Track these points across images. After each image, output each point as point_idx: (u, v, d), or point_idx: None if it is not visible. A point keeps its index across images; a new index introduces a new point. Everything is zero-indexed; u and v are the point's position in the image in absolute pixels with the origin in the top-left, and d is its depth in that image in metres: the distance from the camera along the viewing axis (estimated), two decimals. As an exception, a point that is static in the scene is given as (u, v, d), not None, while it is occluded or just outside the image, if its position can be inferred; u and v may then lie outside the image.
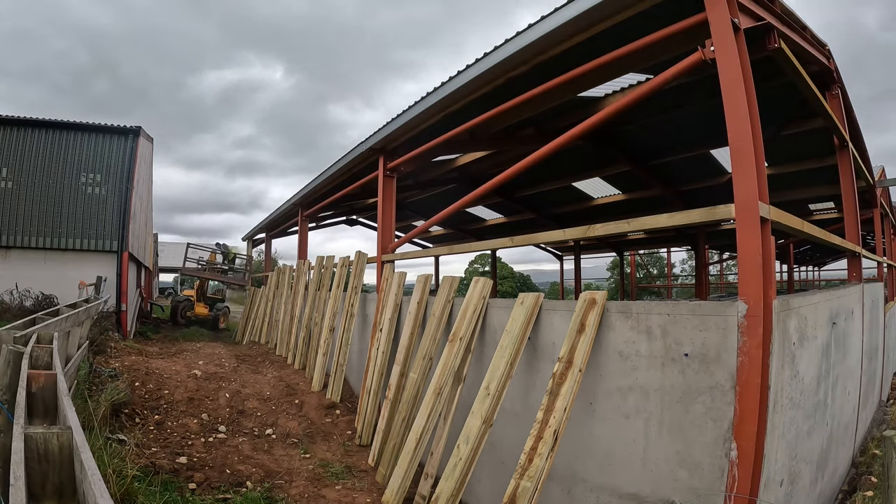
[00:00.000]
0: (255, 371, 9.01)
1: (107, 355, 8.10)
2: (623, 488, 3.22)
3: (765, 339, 2.66)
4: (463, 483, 3.73)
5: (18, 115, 11.96)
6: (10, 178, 11.69)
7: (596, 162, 9.55)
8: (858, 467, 4.99)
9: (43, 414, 2.39)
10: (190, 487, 4.54)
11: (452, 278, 5.18)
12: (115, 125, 12.53)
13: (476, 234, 16.99)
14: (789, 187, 9.57)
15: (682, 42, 3.61)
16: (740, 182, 2.83)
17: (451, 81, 5.14)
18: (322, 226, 15.58)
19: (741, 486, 2.62)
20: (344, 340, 7.41)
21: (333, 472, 5.25)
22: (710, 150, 8.35)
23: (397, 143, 6.84)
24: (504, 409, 3.94)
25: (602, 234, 3.76)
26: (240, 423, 6.32)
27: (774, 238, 2.91)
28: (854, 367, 4.91)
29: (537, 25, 4.00)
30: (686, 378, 2.94)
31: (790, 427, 3.06)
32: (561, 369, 3.30)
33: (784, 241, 14.45)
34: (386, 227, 7.03)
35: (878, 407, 6.96)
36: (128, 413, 5.81)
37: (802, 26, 4.16)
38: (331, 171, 9.02)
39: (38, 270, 11.49)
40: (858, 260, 5.58)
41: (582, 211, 13.06)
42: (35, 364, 2.99)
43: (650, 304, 3.22)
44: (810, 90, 4.15)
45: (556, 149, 4.24)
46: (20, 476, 1.44)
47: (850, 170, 5.52)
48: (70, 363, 5.16)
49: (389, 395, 5.49)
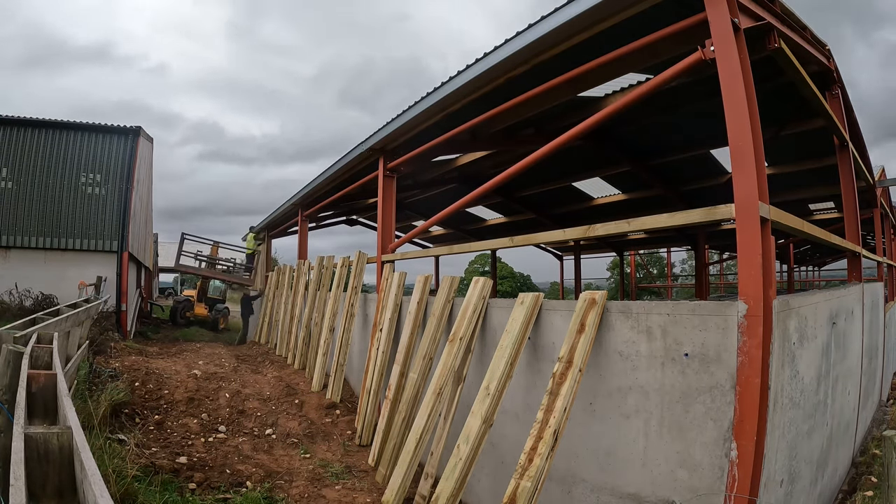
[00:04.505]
0: (255, 371, 9.01)
1: (107, 355, 8.10)
2: (623, 488, 3.22)
3: (765, 339, 2.66)
4: (463, 483, 3.73)
5: (18, 116, 11.96)
6: (10, 178, 11.69)
7: (596, 162, 9.55)
8: (858, 467, 4.99)
9: (43, 414, 2.39)
10: (190, 487, 4.54)
11: (452, 278, 5.17)
12: (115, 125, 12.54)
13: (476, 234, 16.98)
14: (789, 187, 9.56)
15: (681, 42, 3.61)
16: (740, 182, 2.83)
17: (451, 81, 5.13)
18: (322, 226, 15.58)
19: (741, 486, 2.62)
20: (344, 340, 7.41)
21: (333, 472, 5.25)
22: (710, 150, 8.34)
23: (397, 143, 6.84)
24: (504, 409, 3.94)
25: (602, 234, 3.76)
26: (240, 423, 6.31)
27: (774, 238, 2.90)
28: (854, 367, 4.91)
29: (537, 25, 4.00)
30: (686, 378, 2.94)
31: (790, 427, 3.06)
32: (561, 369, 3.29)
33: (784, 241, 14.45)
34: (386, 227, 7.03)
35: (878, 407, 6.96)
36: (128, 413, 5.81)
37: (802, 26, 4.16)
38: (331, 171, 9.02)
39: (38, 270, 11.50)
40: (858, 260, 5.58)
41: (582, 211, 13.06)
42: (35, 364, 2.99)
43: (650, 304, 3.22)
44: (810, 90, 4.15)
45: (556, 149, 4.23)
46: (20, 476, 1.44)
47: (850, 170, 5.52)
48: (70, 363, 5.16)
49: (389, 395, 5.49)
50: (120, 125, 12.54)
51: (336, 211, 13.85)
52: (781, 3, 3.74)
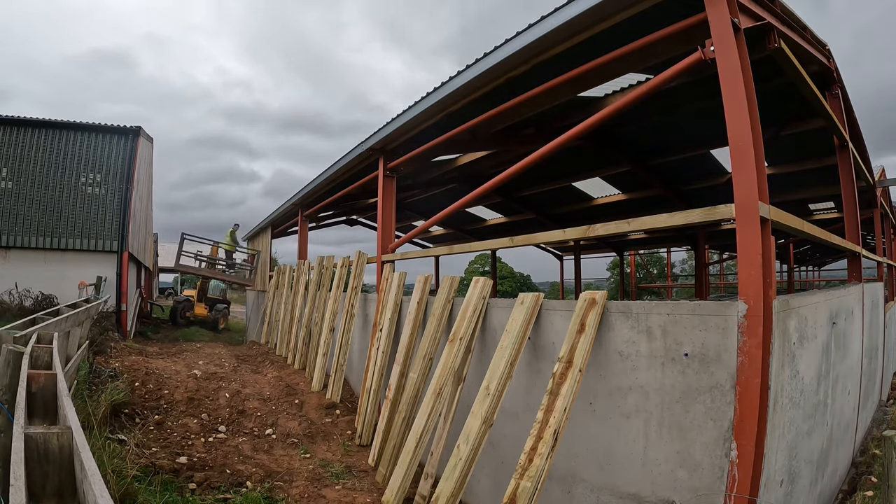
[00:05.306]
0: (255, 371, 9.01)
1: (107, 355, 8.10)
2: (623, 488, 3.22)
3: (765, 339, 2.66)
4: (463, 483, 3.73)
5: (18, 116, 11.97)
6: (10, 178, 11.70)
7: (596, 162, 9.55)
8: (858, 467, 5.00)
9: (43, 414, 2.39)
10: (190, 487, 4.54)
11: (452, 278, 5.17)
12: (115, 125, 12.54)
13: (476, 234, 16.99)
14: (789, 187, 9.57)
15: (681, 42, 3.62)
16: (740, 182, 2.83)
17: (452, 81, 5.14)
18: (322, 226, 15.58)
19: (741, 486, 2.62)
20: (344, 340, 7.41)
21: (333, 472, 5.25)
22: (710, 150, 8.35)
23: (397, 143, 6.84)
24: (504, 409, 3.94)
25: (602, 234, 3.76)
26: (240, 423, 6.31)
27: (774, 238, 2.90)
28: (854, 367, 4.91)
29: (537, 25, 4.00)
30: (686, 378, 2.94)
31: (790, 427, 3.06)
32: (561, 369, 3.30)
33: (784, 241, 14.47)
34: (386, 227, 7.03)
35: (878, 407, 6.96)
36: (128, 413, 5.81)
37: (802, 26, 4.16)
38: (330, 171, 9.02)
39: (38, 270, 11.50)
40: (858, 260, 5.58)
41: (582, 211, 13.07)
42: (35, 364, 2.99)
43: (650, 304, 3.22)
44: (810, 90, 4.15)
45: (557, 148, 4.23)
46: (20, 476, 1.44)
47: (850, 170, 5.53)
48: (70, 363, 5.16)
49: (389, 395, 5.49)
50: (120, 125, 12.54)
51: (336, 211, 13.86)
52: (781, 3, 3.74)
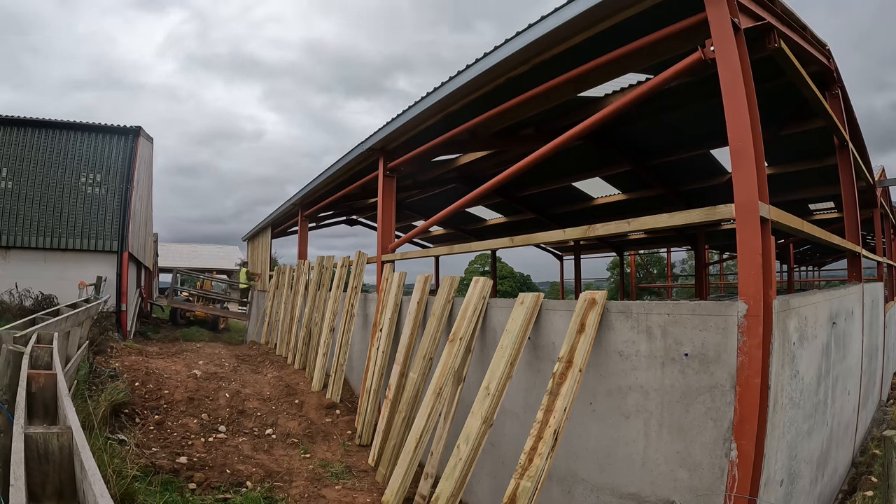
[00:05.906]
0: (255, 371, 9.01)
1: (107, 355, 8.10)
2: (623, 488, 3.22)
3: (765, 339, 2.66)
4: (463, 483, 3.73)
5: (18, 116, 11.97)
6: (10, 178, 11.70)
7: (596, 162, 9.55)
8: (858, 467, 5.00)
9: (43, 414, 2.39)
10: (190, 487, 4.54)
11: (452, 278, 5.18)
12: (115, 125, 12.54)
13: (476, 234, 16.99)
14: (789, 187, 9.57)
15: (682, 42, 3.62)
16: (740, 182, 2.83)
17: (452, 81, 5.14)
18: (322, 226, 15.59)
19: (741, 486, 2.62)
20: (344, 340, 7.41)
21: (333, 472, 5.25)
22: (710, 150, 8.34)
23: (397, 143, 6.84)
24: (504, 409, 3.94)
25: (602, 234, 3.76)
26: (240, 423, 6.31)
27: (774, 238, 2.90)
28: (854, 367, 4.91)
29: (537, 25, 4.00)
30: (686, 378, 2.94)
31: (790, 427, 3.06)
32: (561, 369, 3.29)
33: (784, 241, 14.47)
34: (386, 227, 7.03)
35: (878, 407, 6.96)
36: (128, 413, 5.81)
37: (802, 26, 4.16)
38: (330, 171, 9.02)
39: (38, 270, 11.51)
40: (858, 260, 5.58)
41: (582, 211, 13.06)
42: (35, 364, 2.99)
43: (650, 304, 3.22)
44: (810, 90, 4.15)
45: (557, 148, 4.24)
46: (20, 476, 1.44)
47: (850, 170, 5.52)
48: (70, 363, 5.16)
49: (389, 395, 5.49)
50: (120, 125, 12.54)
51: (336, 211, 13.86)
52: (781, 3, 3.74)
